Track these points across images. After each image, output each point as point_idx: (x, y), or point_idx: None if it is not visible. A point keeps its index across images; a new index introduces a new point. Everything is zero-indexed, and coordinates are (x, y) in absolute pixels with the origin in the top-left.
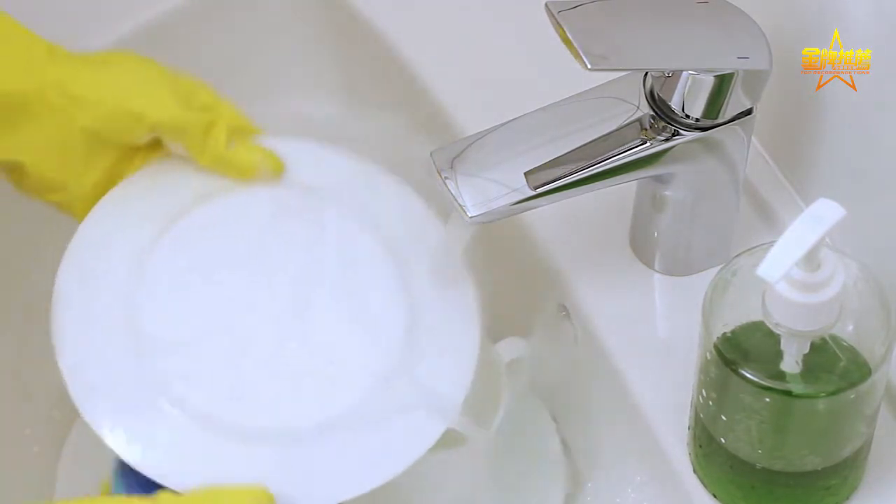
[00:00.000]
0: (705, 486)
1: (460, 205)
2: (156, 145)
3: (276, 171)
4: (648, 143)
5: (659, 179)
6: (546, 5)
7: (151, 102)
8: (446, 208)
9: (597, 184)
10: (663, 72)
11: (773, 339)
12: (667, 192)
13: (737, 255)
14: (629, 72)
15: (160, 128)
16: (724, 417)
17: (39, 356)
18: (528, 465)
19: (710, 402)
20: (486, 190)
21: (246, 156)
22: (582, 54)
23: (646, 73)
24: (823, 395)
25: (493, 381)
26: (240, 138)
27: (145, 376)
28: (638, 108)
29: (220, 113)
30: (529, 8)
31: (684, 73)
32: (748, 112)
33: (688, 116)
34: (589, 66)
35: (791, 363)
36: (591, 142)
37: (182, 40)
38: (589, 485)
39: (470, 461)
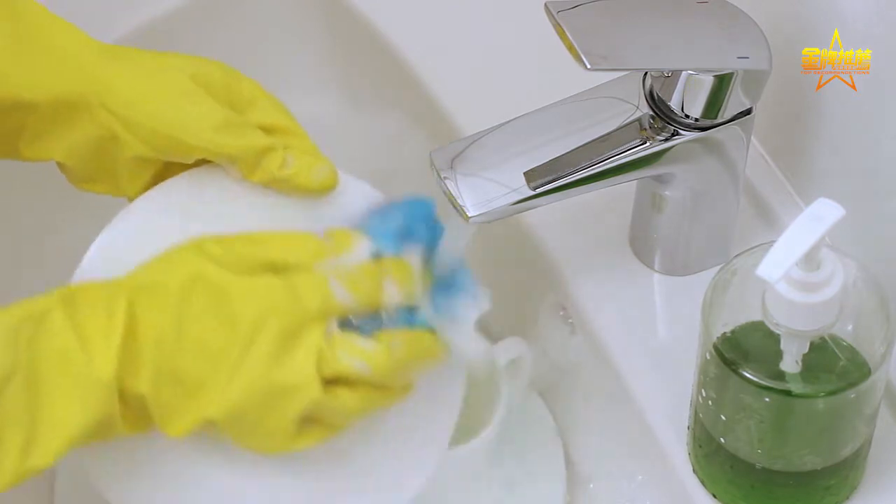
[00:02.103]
0: (705, 486)
1: (460, 205)
2: None
3: (326, 188)
4: (648, 143)
5: (659, 179)
6: (546, 5)
7: (200, 132)
8: (446, 208)
9: (597, 184)
10: (663, 72)
11: (773, 338)
12: (667, 192)
13: (737, 255)
14: (629, 72)
15: (209, 157)
16: (723, 417)
17: None
18: (528, 465)
19: (710, 402)
20: (486, 190)
21: (297, 179)
22: (582, 54)
23: (645, 73)
24: (823, 394)
25: (492, 382)
26: (296, 157)
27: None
28: (637, 108)
29: (277, 132)
30: (529, 8)
31: (684, 73)
32: (748, 112)
33: (687, 116)
34: (589, 66)
35: (791, 363)
36: (591, 142)
37: (182, 40)
38: (590, 485)
39: (470, 461)
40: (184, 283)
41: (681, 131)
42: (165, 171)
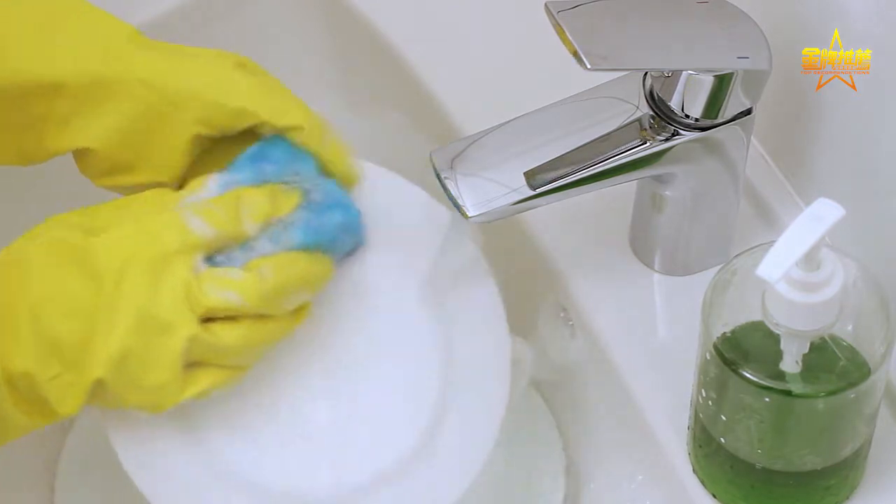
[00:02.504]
0: (705, 486)
1: (460, 205)
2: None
3: (352, 180)
4: (648, 143)
5: (659, 179)
6: (546, 5)
7: (252, 98)
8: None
9: (597, 184)
10: (663, 72)
11: (773, 338)
12: (667, 192)
13: (737, 255)
14: (629, 72)
15: (261, 122)
16: (723, 417)
17: None
18: (528, 464)
19: (710, 402)
20: (486, 190)
21: (336, 162)
22: (582, 54)
23: (645, 73)
24: (823, 394)
25: None
26: (336, 143)
27: (192, 446)
28: (638, 108)
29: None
30: (529, 8)
31: (684, 73)
32: (748, 112)
33: (687, 116)
34: (589, 66)
35: (791, 363)
36: (591, 142)
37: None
38: (590, 485)
39: None
40: (45, 249)
41: (681, 131)
42: (205, 156)
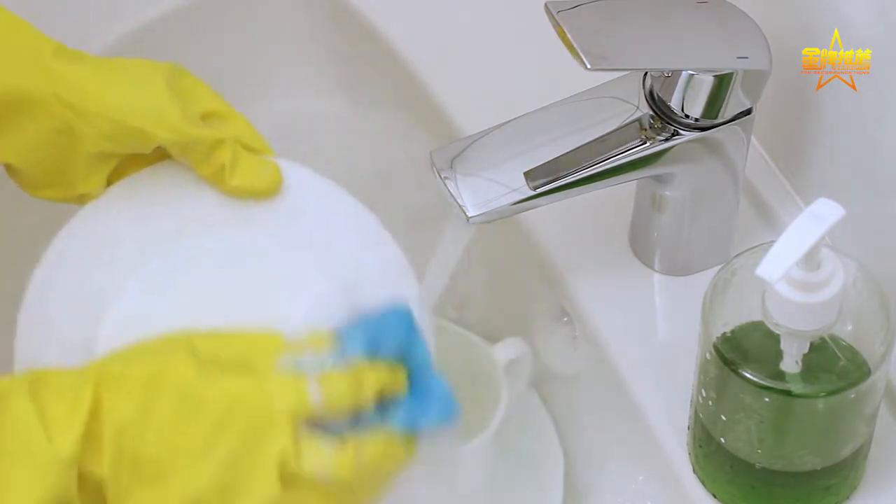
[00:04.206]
0: (705, 486)
1: (460, 205)
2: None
3: (269, 193)
4: (648, 143)
5: (659, 179)
6: (546, 5)
7: (156, 119)
8: (446, 208)
9: (597, 184)
10: (663, 72)
11: (773, 338)
12: (667, 192)
13: (737, 255)
14: (629, 72)
15: (164, 144)
16: (723, 417)
17: None
18: (528, 465)
19: (710, 402)
20: (486, 190)
21: (243, 180)
22: (582, 54)
23: (645, 73)
24: (823, 394)
25: (492, 382)
26: (242, 157)
27: None
28: (637, 108)
29: (227, 127)
30: (529, 8)
31: (684, 73)
32: (748, 112)
33: (687, 116)
34: (589, 66)
35: (791, 363)
36: (590, 142)
37: (182, 40)
38: (590, 485)
39: (470, 461)
40: (151, 374)
41: (681, 131)
42: (121, 169)
